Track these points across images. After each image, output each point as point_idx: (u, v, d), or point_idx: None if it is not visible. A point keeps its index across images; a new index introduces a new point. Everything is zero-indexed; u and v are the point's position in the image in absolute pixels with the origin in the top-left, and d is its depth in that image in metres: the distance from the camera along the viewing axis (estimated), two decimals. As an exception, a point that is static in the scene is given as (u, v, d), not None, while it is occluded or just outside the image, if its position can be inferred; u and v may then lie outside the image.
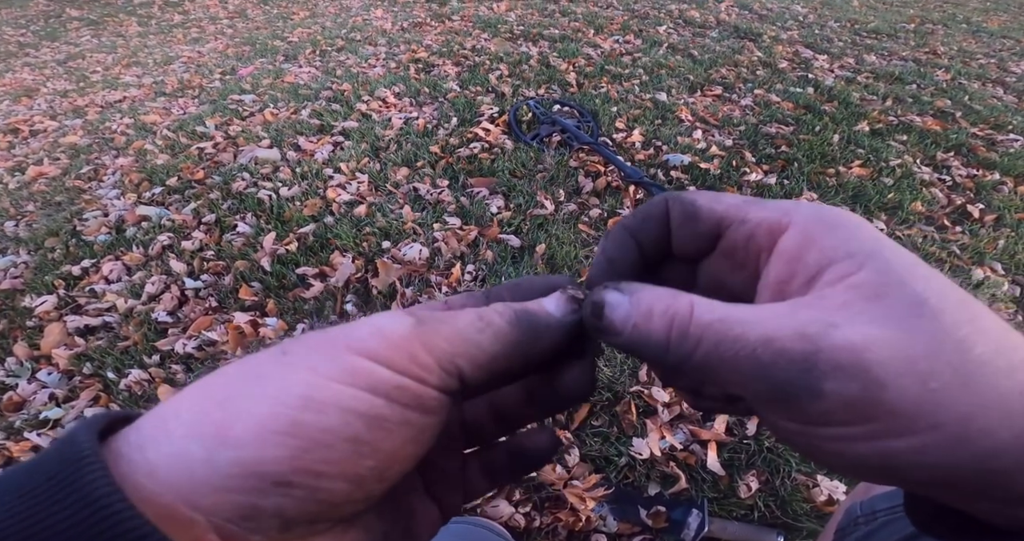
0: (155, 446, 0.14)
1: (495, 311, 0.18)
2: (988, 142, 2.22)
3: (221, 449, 0.13)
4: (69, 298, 1.49)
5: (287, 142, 2.11)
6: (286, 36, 3.63)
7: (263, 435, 0.14)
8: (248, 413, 0.14)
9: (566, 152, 1.96)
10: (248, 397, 0.14)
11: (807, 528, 0.96)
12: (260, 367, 0.15)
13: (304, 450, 0.14)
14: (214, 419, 0.14)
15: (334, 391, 0.15)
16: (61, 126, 2.54)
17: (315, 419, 0.14)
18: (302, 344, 0.16)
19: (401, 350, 0.16)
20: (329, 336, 0.16)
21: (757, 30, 3.43)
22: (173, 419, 0.14)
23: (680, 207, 0.20)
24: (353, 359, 0.15)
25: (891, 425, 0.14)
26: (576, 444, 1.08)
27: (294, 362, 0.15)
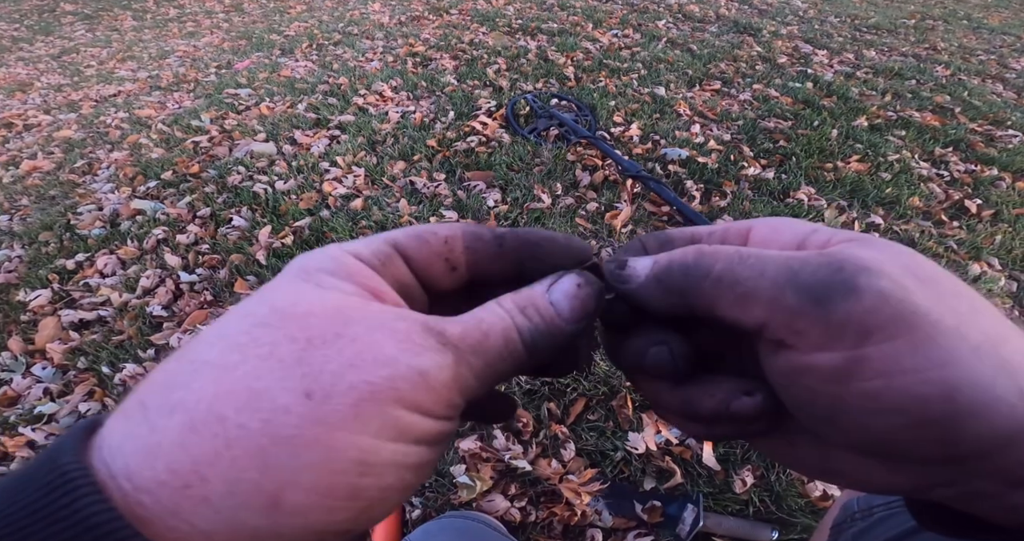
0: (199, 515, 0.12)
1: (517, 331, 0.17)
2: (987, 138, 2.21)
3: (284, 518, 0.13)
4: (63, 292, 1.48)
5: (283, 136, 2.10)
6: (282, 30, 3.60)
7: (324, 504, 0.13)
8: (300, 482, 0.13)
9: (564, 146, 1.95)
10: (292, 463, 0.13)
11: (802, 524, 0.96)
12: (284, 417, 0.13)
13: (366, 509, 0.14)
14: (260, 487, 0.13)
15: (388, 453, 0.14)
16: (55, 120, 2.52)
17: (374, 482, 0.14)
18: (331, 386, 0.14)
19: (443, 398, 0.15)
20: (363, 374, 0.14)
21: (757, 25, 3.41)
22: (198, 482, 0.12)
23: (654, 237, 0.22)
24: (400, 413, 0.14)
25: (933, 343, 0.14)
26: (572, 439, 1.08)
27: (331, 418, 0.13)
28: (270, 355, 0.14)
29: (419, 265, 0.19)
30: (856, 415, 0.15)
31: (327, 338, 0.14)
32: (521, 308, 0.17)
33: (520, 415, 1.11)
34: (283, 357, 0.14)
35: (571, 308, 0.18)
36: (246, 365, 0.14)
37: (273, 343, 0.14)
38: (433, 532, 0.59)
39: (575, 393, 1.15)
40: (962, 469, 0.15)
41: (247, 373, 0.14)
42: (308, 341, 0.14)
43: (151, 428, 0.13)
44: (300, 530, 0.13)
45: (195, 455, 0.13)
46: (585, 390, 1.16)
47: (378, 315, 0.16)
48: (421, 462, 0.15)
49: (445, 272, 0.19)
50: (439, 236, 0.19)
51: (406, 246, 0.18)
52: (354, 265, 0.17)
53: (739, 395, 0.18)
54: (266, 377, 0.14)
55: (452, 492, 1.00)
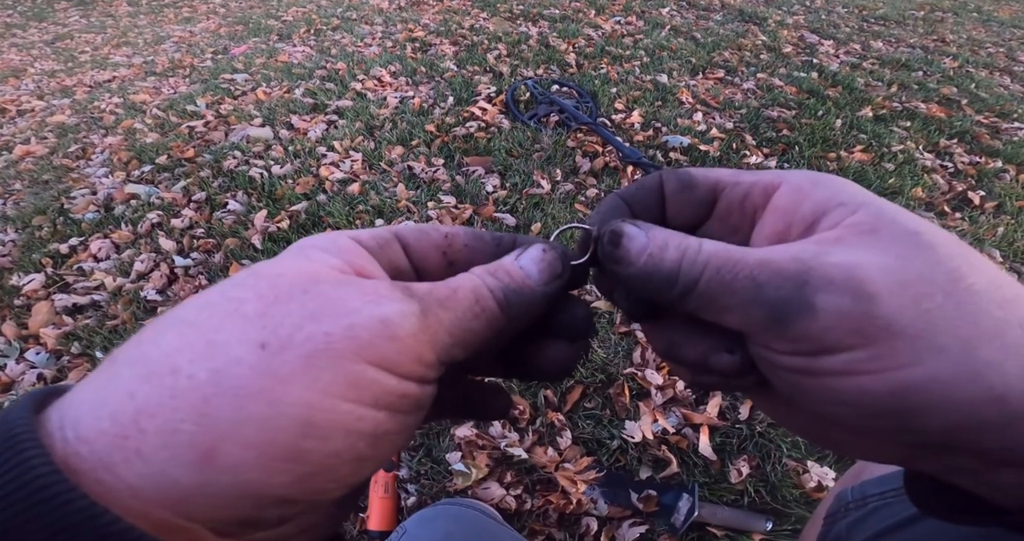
0: (128, 467, 0.12)
1: (488, 289, 0.17)
2: (992, 130, 2.19)
3: (214, 475, 0.12)
4: (57, 276, 1.47)
5: (280, 121, 2.08)
6: (280, 15, 3.56)
7: (261, 462, 0.12)
8: (237, 437, 0.12)
9: (564, 132, 1.93)
10: (233, 415, 0.12)
11: (796, 514, 0.95)
12: (235, 367, 0.13)
13: (308, 475, 0.13)
14: (195, 440, 0.12)
15: (338, 414, 0.13)
16: (49, 106, 2.49)
17: (318, 446, 0.13)
18: (288, 337, 0.13)
19: (409, 351, 0.15)
20: (322, 324, 0.13)
21: (762, 14, 3.37)
22: (135, 433, 0.12)
23: (675, 178, 0.20)
24: (359, 368, 0.13)
25: (892, 348, 0.14)
26: (568, 426, 1.07)
27: (282, 370, 0.13)
28: (235, 311, 0.14)
29: (416, 254, 0.19)
30: (817, 402, 0.16)
31: (294, 294, 0.14)
32: (491, 272, 0.18)
33: (517, 402, 1.11)
34: (247, 312, 0.14)
35: (539, 270, 0.18)
36: (212, 320, 0.14)
37: (241, 300, 0.14)
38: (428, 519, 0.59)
39: (572, 380, 1.14)
40: (935, 450, 0.15)
41: (210, 327, 0.13)
42: (275, 297, 0.14)
43: (109, 378, 0.13)
44: (232, 489, 0.12)
45: (139, 404, 0.12)
46: (582, 378, 1.15)
47: (348, 277, 0.16)
48: (378, 431, 0.14)
49: (441, 265, 0.19)
50: (440, 231, 0.19)
51: (406, 235, 0.19)
52: (347, 244, 0.17)
53: (720, 351, 0.19)
54: (227, 330, 0.13)
55: (447, 479, 0.99)
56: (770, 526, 0.93)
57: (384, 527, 0.92)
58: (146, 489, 0.12)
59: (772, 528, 0.93)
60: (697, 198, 0.20)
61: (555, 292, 0.18)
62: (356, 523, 0.95)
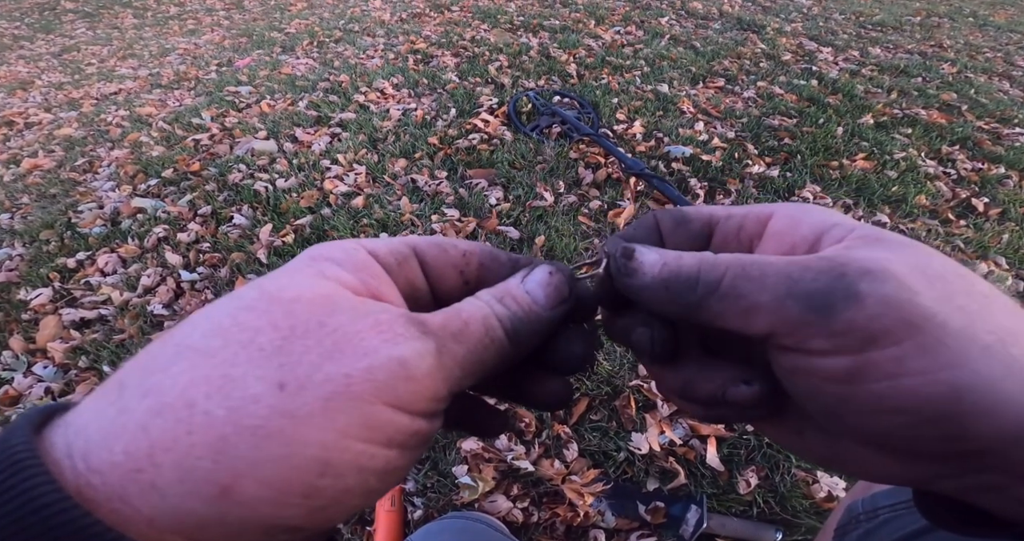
0: (144, 499, 0.12)
1: (497, 319, 0.17)
2: (994, 136, 2.19)
3: (230, 508, 0.12)
4: (64, 291, 1.48)
5: (284, 133, 2.09)
6: (283, 27, 3.59)
7: (276, 499, 0.13)
8: (255, 475, 0.12)
9: (566, 143, 1.94)
10: (251, 454, 0.12)
11: (806, 525, 0.95)
12: (253, 407, 0.13)
13: (320, 508, 0.13)
14: (213, 477, 0.12)
15: (353, 454, 0.13)
16: (56, 118, 2.52)
17: (333, 483, 0.13)
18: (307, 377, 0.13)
19: (425, 390, 0.15)
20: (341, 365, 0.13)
21: (761, 22, 3.39)
22: (150, 467, 0.12)
23: (669, 215, 0.21)
24: (375, 410, 0.14)
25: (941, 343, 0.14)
26: (575, 439, 1.07)
27: (300, 411, 0.13)
28: (251, 342, 0.14)
29: (434, 272, 0.19)
30: (863, 413, 0.15)
31: (310, 327, 0.14)
32: (498, 298, 0.18)
33: (522, 415, 1.11)
34: (263, 345, 0.14)
35: (546, 295, 0.18)
36: (226, 351, 0.13)
37: (256, 329, 0.14)
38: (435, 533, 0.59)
39: (578, 393, 1.14)
40: (968, 463, 0.15)
41: (225, 360, 0.13)
42: (291, 329, 0.14)
43: (120, 409, 0.13)
44: (246, 522, 0.13)
45: (154, 439, 0.12)
46: (588, 390, 1.15)
47: (364, 305, 0.15)
48: (388, 467, 0.14)
49: (458, 284, 0.19)
50: (459, 248, 0.19)
51: (425, 251, 0.19)
52: (364, 259, 0.17)
53: (738, 383, 0.18)
54: (243, 365, 0.13)
55: (454, 492, 0.99)
56: (780, 537, 0.92)
57: (390, 540, 0.92)
58: (162, 520, 0.12)
59: (782, 539, 0.92)
60: (693, 232, 0.20)
61: (561, 317, 0.18)
62: (363, 537, 0.95)
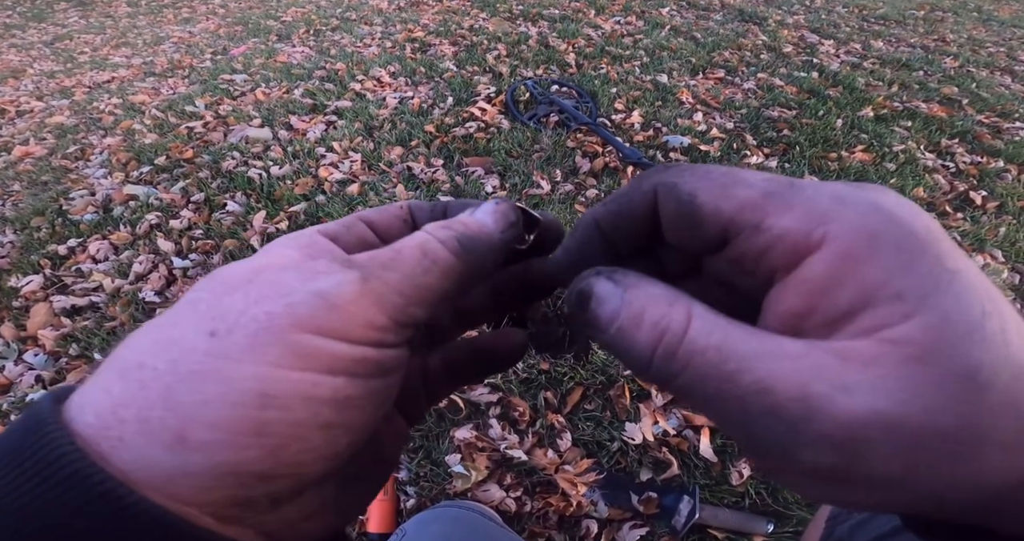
0: (116, 454, 0.13)
1: (437, 240, 0.17)
2: (994, 130, 2.18)
3: (188, 454, 0.13)
4: (55, 278, 1.46)
5: (279, 121, 2.07)
6: (279, 16, 3.55)
7: (230, 439, 0.13)
8: (202, 417, 0.13)
9: (564, 132, 1.93)
10: (193, 397, 0.13)
11: (798, 516, 0.95)
12: (190, 355, 0.13)
13: (278, 447, 0.13)
14: (166, 424, 0.13)
15: (292, 382, 0.14)
16: (48, 106, 2.49)
17: (280, 416, 0.13)
18: (235, 321, 0.14)
19: (354, 317, 0.15)
20: (263, 306, 0.14)
21: (762, 14, 3.36)
22: (116, 424, 0.13)
23: (675, 204, 0.15)
24: (303, 338, 0.14)
25: (864, 489, 0.13)
26: (568, 428, 1.07)
27: (232, 351, 0.13)
28: (192, 310, 0.15)
29: (381, 227, 0.20)
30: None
31: (239, 285, 0.15)
32: (443, 225, 0.18)
33: (516, 404, 1.10)
34: (200, 308, 0.15)
35: (494, 219, 0.19)
36: (171, 318, 0.15)
37: (197, 300, 0.15)
38: (427, 521, 0.59)
39: (572, 382, 1.14)
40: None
41: (170, 324, 0.14)
42: (224, 290, 0.15)
43: (93, 382, 0.14)
44: (209, 468, 0.13)
45: (115, 398, 0.13)
46: (582, 379, 1.14)
47: (295, 260, 0.16)
48: (339, 396, 0.14)
49: (406, 230, 0.20)
50: (396, 205, 0.21)
51: (369, 213, 0.21)
52: (309, 238, 0.18)
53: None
54: (182, 324, 0.14)
55: (447, 482, 0.99)
56: (771, 528, 0.92)
57: (383, 529, 0.92)
58: (134, 472, 0.13)
59: (773, 530, 0.92)
60: (701, 237, 0.15)
61: (512, 238, 0.19)
62: (355, 525, 0.95)
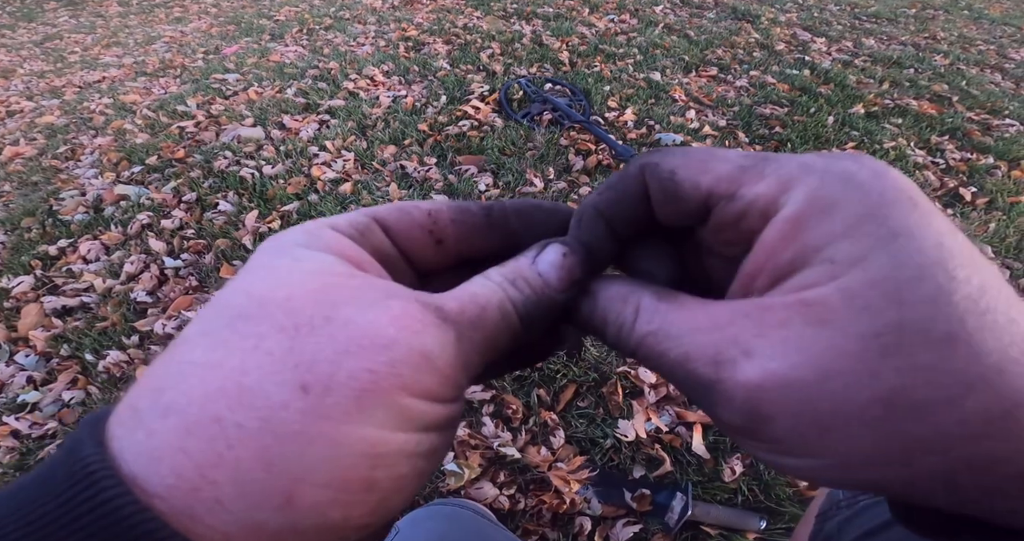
0: (214, 517, 0.12)
1: (512, 304, 0.16)
2: (983, 126, 2.19)
3: (300, 516, 0.12)
4: (46, 278, 1.45)
5: (271, 121, 2.06)
6: (272, 15, 3.53)
7: (340, 498, 0.13)
8: (312, 479, 0.12)
9: (557, 130, 1.93)
10: (300, 461, 0.12)
11: (790, 512, 0.95)
12: (283, 413, 0.12)
13: (383, 500, 0.13)
14: (270, 488, 0.12)
15: (398, 443, 0.13)
16: (38, 106, 2.47)
17: (388, 473, 0.13)
18: (330, 378, 0.13)
19: (449, 381, 0.15)
20: (361, 362, 0.13)
21: (755, 12, 3.37)
22: (207, 486, 0.12)
23: (658, 183, 0.16)
24: (405, 402, 0.14)
25: (780, 448, 0.14)
26: (561, 426, 1.07)
27: (333, 412, 0.12)
28: (256, 347, 0.13)
29: (400, 237, 0.18)
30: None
31: (316, 323, 0.13)
32: (511, 280, 0.17)
33: (509, 402, 1.10)
34: (271, 349, 0.13)
35: (559, 278, 0.17)
36: (232, 360, 0.13)
37: (259, 335, 0.13)
38: (421, 519, 0.58)
39: (565, 379, 1.14)
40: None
41: (234, 368, 0.13)
42: (296, 328, 0.13)
43: (147, 433, 0.12)
44: (320, 527, 0.12)
45: (197, 458, 0.12)
46: (575, 376, 1.14)
47: (367, 292, 0.14)
48: (433, 448, 0.15)
49: (429, 245, 0.18)
50: (422, 209, 0.18)
51: (386, 217, 0.18)
52: (330, 236, 0.16)
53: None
54: (255, 372, 0.12)
55: (440, 480, 0.99)
56: (764, 525, 0.93)
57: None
58: (238, 533, 0.12)
59: (766, 527, 0.93)
60: (683, 211, 0.16)
61: (571, 300, 0.18)
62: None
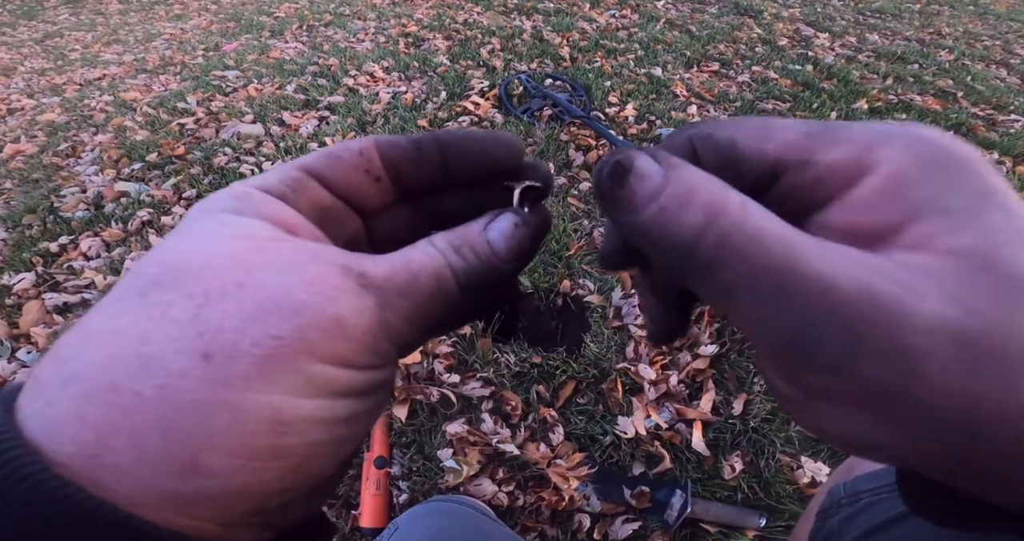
0: (119, 482, 0.11)
1: (451, 270, 0.15)
2: (988, 122, 2.17)
3: (206, 481, 0.12)
4: (47, 275, 1.46)
5: (271, 117, 2.06)
6: (272, 12, 3.53)
7: (248, 464, 0.12)
8: (214, 446, 0.12)
9: (557, 126, 1.92)
10: (199, 428, 0.12)
11: (790, 510, 0.95)
12: (182, 382, 0.12)
13: (297, 465, 0.13)
14: (170, 455, 0.12)
15: (306, 410, 0.13)
16: (39, 104, 2.47)
17: (299, 439, 0.13)
18: (233, 345, 0.12)
19: (365, 346, 0.14)
20: (267, 328, 0.12)
21: (758, 7, 3.35)
22: (107, 452, 0.11)
23: (715, 152, 0.15)
24: (316, 368, 0.13)
25: (908, 421, 0.12)
26: (560, 422, 1.07)
27: (234, 378, 0.12)
28: (162, 316, 0.12)
29: (338, 183, 0.17)
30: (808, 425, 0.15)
31: (227, 290, 0.13)
32: (456, 247, 0.16)
33: (508, 398, 1.10)
34: (176, 317, 0.12)
35: (507, 248, 0.16)
36: (135, 327, 0.12)
37: (166, 303, 0.13)
38: (420, 516, 0.58)
39: (564, 376, 1.14)
40: None
41: (135, 336, 0.12)
42: (206, 295, 0.13)
43: (47, 402, 0.12)
44: (229, 493, 0.12)
45: (95, 426, 0.12)
46: (575, 372, 1.14)
47: (288, 256, 0.14)
48: (352, 414, 0.14)
49: (369, 184, 0.17)
50: (352, 150, 0.17)
51: (317, 166, 0.17)
52: (259, 198, 0.15)
53: None
54: (157, 339, 0.12)
55: (439, 476, 0.99)
56: (763, 522, 0.92)
57: (376, 524, 0.92)
58: (146, 498, 0.12)
59: (765, 524, 0.92)
60: (745, 179, 0.15)
61: (518, 270, 0.17)
62: (348, 520, 0.94)
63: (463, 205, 0.19)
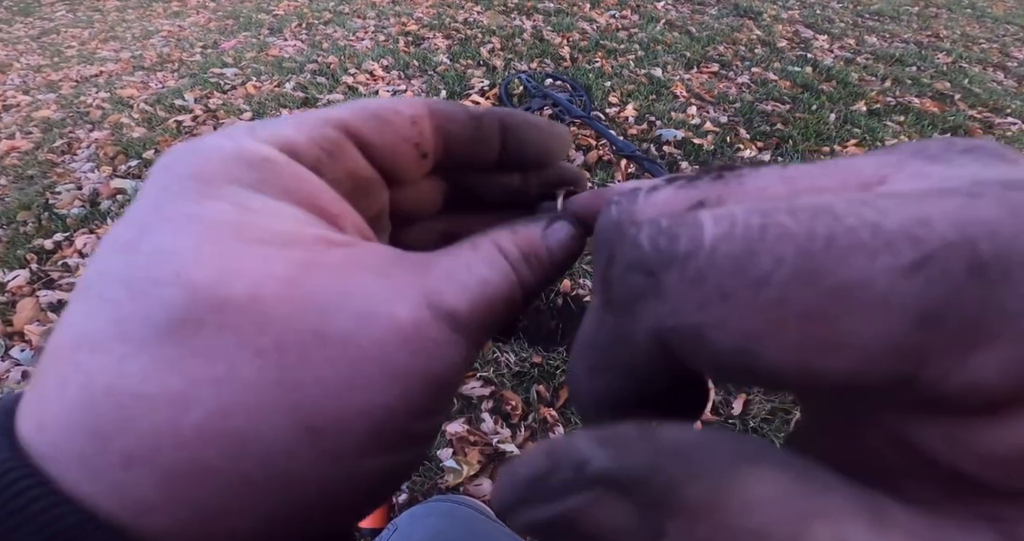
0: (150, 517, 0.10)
1: (521, 285, 0.13)
2: (986, 125, 2.19)
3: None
4: (42, 273, 1.44)
5: (269, 115, 2.05)
6: (271, 9, 3.51)
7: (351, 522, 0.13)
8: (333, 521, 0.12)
9: (557, 128, 1.92)
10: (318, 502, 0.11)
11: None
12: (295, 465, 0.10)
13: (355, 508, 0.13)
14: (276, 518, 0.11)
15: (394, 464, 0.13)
16: (34, 101, 2.45)
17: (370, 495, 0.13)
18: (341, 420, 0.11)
19: (450, 395, 0.13)
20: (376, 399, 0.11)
21: (757, 8, 3.36)
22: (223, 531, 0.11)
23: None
24: (414, 428, 0.12)
25: None
26: (561, 422, 1.06)
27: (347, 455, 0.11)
28: (229, 378, 0.10)
29: (381, 154, 0.14)
30: None
31: (305, 342, 0.10)
32: (525, 257, 0.14)
33: (509, 398, 1.09)
34: (251, 381, 0.10)
35: (562, 259, 0.15)
36: (202, 394, 0.10)
37: (227, 359, 0.10)
38: (419, 516, 0.58)
39: (565, 375, 1.13)
40: None
41: (210, 409, 0.10)
42: (279, 351, 0.10)
43: (113, 486, 0.09)
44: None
45: (199, 508, 0.10)
46: (575, 374, 1.14)
47: (362, 286, 0.11)
48: (409, 461, 0.13)
49: (415, 159, 0.14)
50: (404, 114, 0.14)
51: (362, 129, 0.13)
52: (287, 170, 0.12)
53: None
54: (239, 412, 0.10)
55: (439, 476, 0.98)
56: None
57: (375, 524, 0.91)
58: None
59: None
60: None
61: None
62: (346, 521, 0.94)
63: (488, 185, 0.17)
